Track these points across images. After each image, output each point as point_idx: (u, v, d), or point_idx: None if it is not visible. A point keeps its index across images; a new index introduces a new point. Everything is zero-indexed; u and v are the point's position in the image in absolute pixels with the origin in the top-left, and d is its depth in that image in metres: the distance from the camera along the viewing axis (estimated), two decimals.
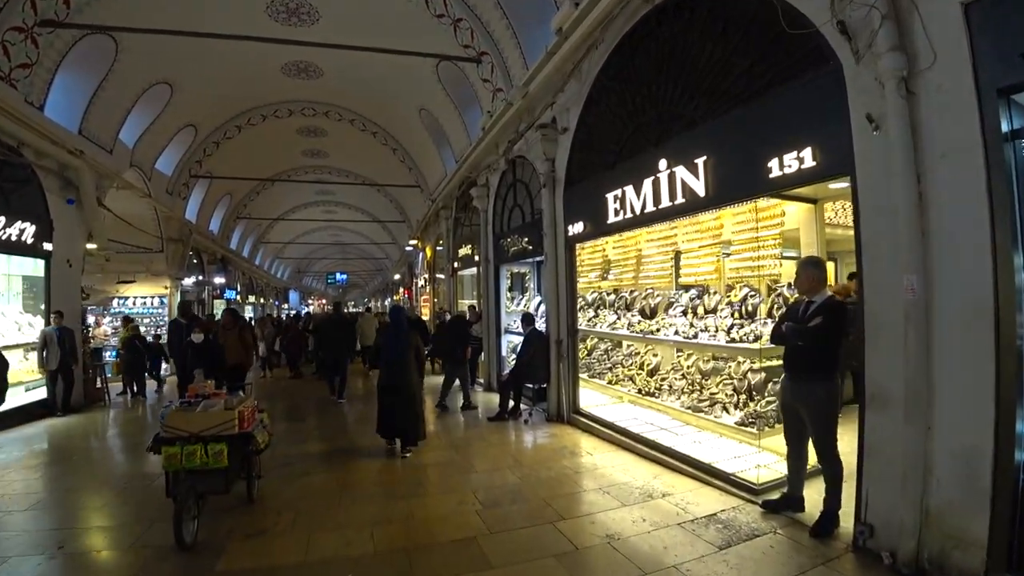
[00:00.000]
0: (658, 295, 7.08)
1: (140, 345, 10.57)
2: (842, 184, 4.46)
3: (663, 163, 5.38)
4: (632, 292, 7.49)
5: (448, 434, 7.14)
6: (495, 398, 8.87)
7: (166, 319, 14.22)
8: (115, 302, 14.03)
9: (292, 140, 17.62)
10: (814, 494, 4.16)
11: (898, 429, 3.30)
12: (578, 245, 7.47)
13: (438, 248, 16.79)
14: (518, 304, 10.71)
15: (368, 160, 18.70)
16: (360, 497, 4.70)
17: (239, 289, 22.46)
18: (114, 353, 10.97)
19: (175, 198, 14.64)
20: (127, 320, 10.88)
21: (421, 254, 20.76)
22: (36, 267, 9.25)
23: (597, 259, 8.10)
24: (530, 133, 8.27)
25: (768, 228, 5.03)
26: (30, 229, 8.57)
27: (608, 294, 8.06)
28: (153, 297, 14.26)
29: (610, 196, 6.27)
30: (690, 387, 6.11)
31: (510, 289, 10.63)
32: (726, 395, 5.52)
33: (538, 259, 9.16)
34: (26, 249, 8.56)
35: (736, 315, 5.51)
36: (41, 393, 8.85)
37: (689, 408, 5.69)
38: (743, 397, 5.41)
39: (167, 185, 14.19)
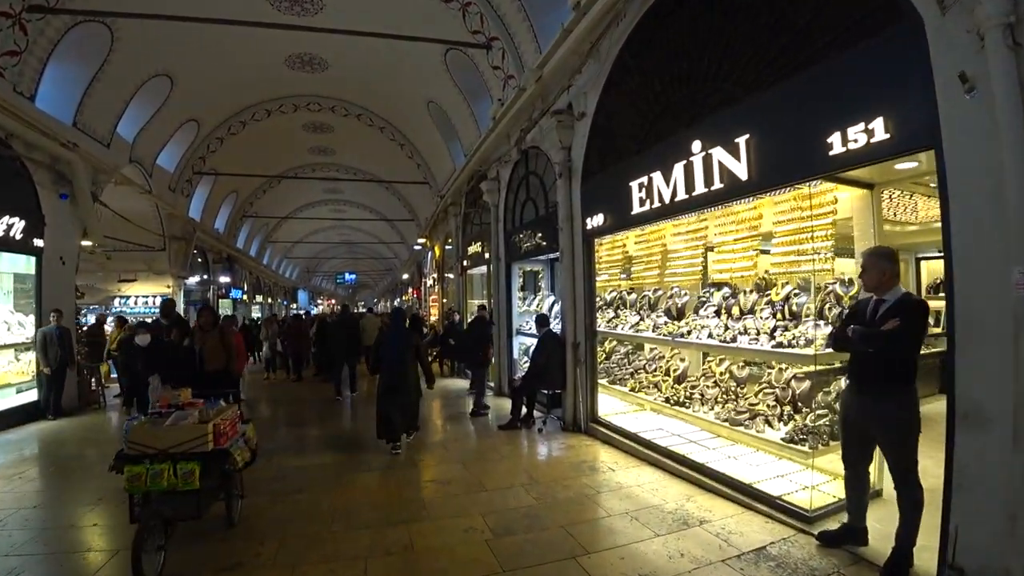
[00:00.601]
0: (685, 294, 6.47)
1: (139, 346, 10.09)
2: (910, 164, 3.86)
3: (696, 145, 4.79)
4: (656, 291, 6.90)
5: (456, 445, 6.58)
6: (506, 403, 8.33)
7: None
8: (116, 301, 13.69)
9: (298, 136, 17.23)
10: (875, 523, 3.56)
11: (1003, 456, 2.69)
12: (597, 240, 6.90)
13: (447, 247, 16.29)
14: (530, 304, 10.15)
15: (376, 157, 18.26)
16: (356, 522, 4.16)
17: (246, 288, 22.13)
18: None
19: (178, 195, 14.27)
20: (121, 320, 10.46)
21: (430, 253, 20.28)
22: (28, 264, 8.85)
23: (617, 255, 7.51)
24: (544, 120, 7.71)
25: (818, 217, 4.41)
26: (19, 224, 8.16)
27: (629, 293, 7.47)
28: (155, 296, 13.89)
29: (634, 185, 5.69)
30: (724, 396, 5.50)
31: (522, 288, 10.07)
32: (768, 406, 4.90)
33: (553, 256, 8.59)
34: (15, 245, 8.16)
35: (779, 316, 4.90)
36: (32, 395, 8.44)
37: (726, 421, 5.08)
38: (787, 408, 4.79)
39: (169, 182, 13.83)
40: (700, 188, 4.76)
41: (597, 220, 6.48)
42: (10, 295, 8.79)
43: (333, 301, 48.20)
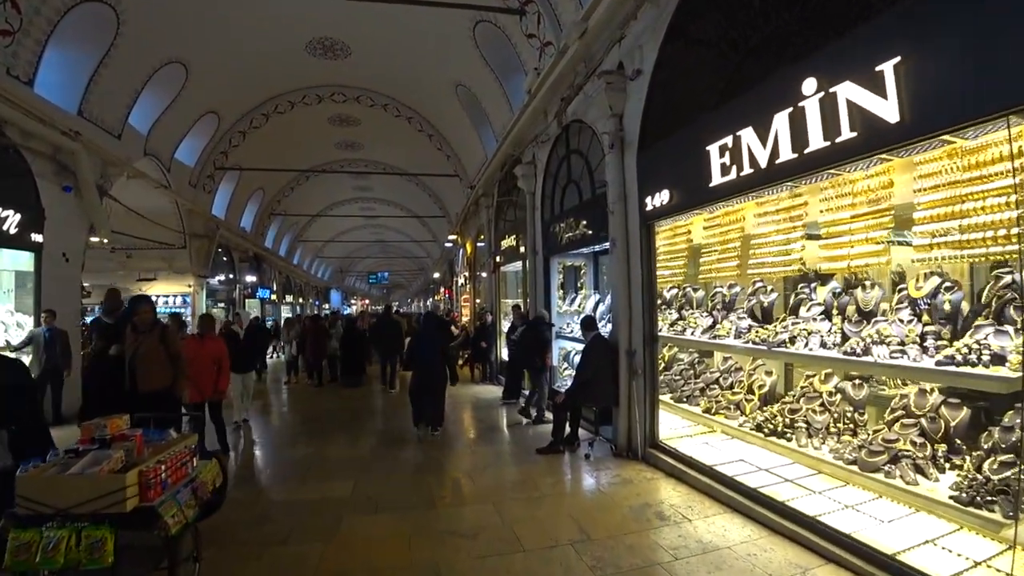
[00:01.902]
0: (771, 290, 5.14)
1: None
2: None
3: (810, 84, 3.49)
4: (731, 286, 5.58)
5: (487, 474, 5.41)
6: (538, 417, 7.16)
7: (189, 319, 13.25)
8: None
9: (324, 130, 16.50)
10: None
11: None
12: (658, 224, 5.63)
13: (479, 244, 15.23)
14: (571, 303, 8.93)
15: (404, 150, 17.39)
16: None
17: (275, 288, 21.64)
18: None
19: (199, 191, 13.67)
20: None
21: (461, 250, 19.30)
22: (30, 262, 8.20)
23: (679, 245, 6.22)
24: (590, 85, 6.51)
25: (995, 178, 3.06)
26: (14, 218, 7.48)
27: (695, 290, 6.16)
28: (176, 296, 13.33)
29: (713, 149, 4.41)
30: (838, 424, 4.16)
31: (562, 286, 8.86)
32: (912, 443, 3.54)
33: (599, 248, 7.36)
34: (9, 240, 7.47)
35: (926, 316, 3.54)
36: None
37: (852, 462, 3.74)
38: (941, 448, 3.44)
39: (190, 177, 13.22)
40: (817, 142, 3.45)
41: (659, 199, 5.21)
42: (10, 294, 8.16)
43: (367, 301, 48.02)
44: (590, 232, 6.92)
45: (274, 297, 21.27)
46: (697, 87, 4.89)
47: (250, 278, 17.30)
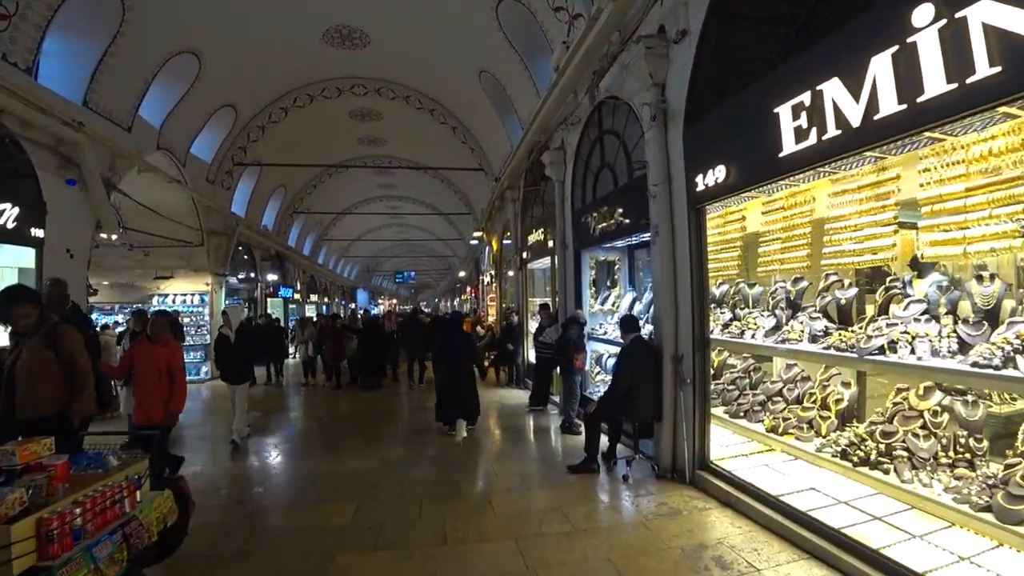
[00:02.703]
0: (849, 284, 4.26)
1: None
2: None
3: (923, 12, 2.66)
4: (797, 281, 4.71)
5: (509, 500, 4.68)
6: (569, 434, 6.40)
7: (208, 319, 12.94)
8: (155, 300, 12.93)
9: (346, 125, 16.06)
10: None
11: None
12: (710, 207, 4.81)
13: (505, 242, 14.53)
14: (604, 302, 8.13)
15: (427, 144, 16.82)
16: None
17: (298, 287, 21.36)
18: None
19: (217, 187, 13.33)
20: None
21: (487, 248, 18.65)
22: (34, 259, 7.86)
23: (731, 233, 5.39)
24: (625, 55, 5.74)
25: None
26: (12, 211, 7.09)
27: (750, 285, 5.30)
28: (193, 294, 13.02)
29: (784, 110, 3.58)
30: (946, 452, 3.28)
31: (593, 283, 8.06)
32: None
33: (636, 240, 6.56)
34: (7, 235, 7.10)
35: None
36: None
37: (985, 508, 2.87)
38: None
39: (207, 173, 12.88)
40: (936, 86, 2.61)
41: (712, 177, 4.39)
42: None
43: (395, 301, 47.91)
44: (627, 221, 6.13)
45: (298, 296, 20.98)
46: (758, 41, 4.07)
47: (271, 277, 16.97)
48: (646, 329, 5.77)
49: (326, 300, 27.21)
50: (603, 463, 5.32)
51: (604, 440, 5.43)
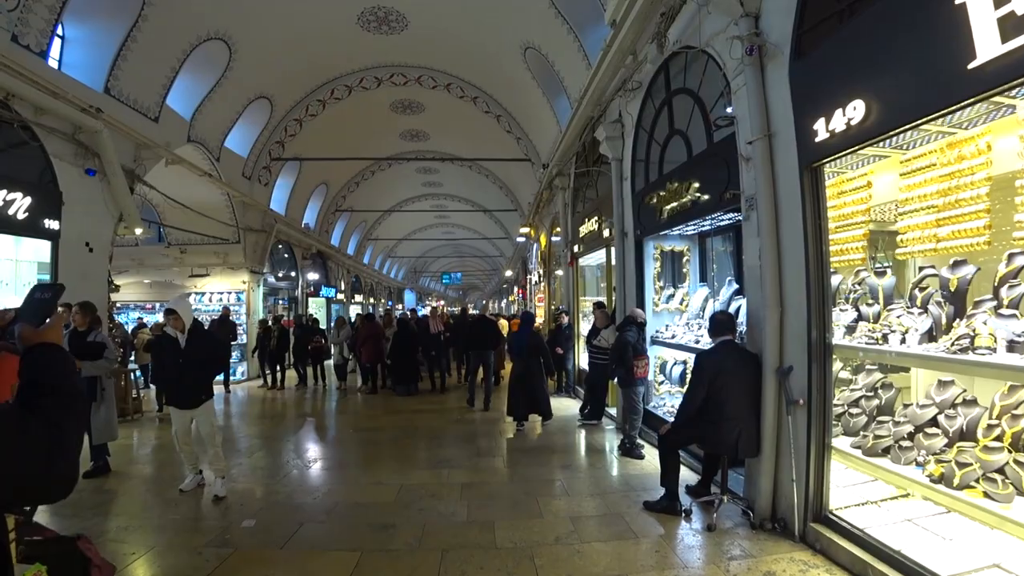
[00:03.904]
0: None
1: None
2: None
3: None
4: (958, 266, 3.35)
5: (562, 554, 3.55)
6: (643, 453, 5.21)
7: (243, 318, 12.51)
8: (192, 298, 12.63)
9: (386, 119, 15.41)
10: None
11: None
12: (829, 165, 3.55)
13: (554, 238, 13.42)
14: (670, 299, 6.88)
15: (471, 137, 15.97)
16: None
17: (342, 287, 20.96)
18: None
19: (254, 183, 12.91)
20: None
21: (535, 246, 17.60)
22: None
23: (850, 206, 4.05)
24: None
25: None
26: (23, 202, 6.64)
27: (879, 273, 3.95)
28: (230, 292, 12.63)
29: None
30: None
31: (658, 277, 6.82)
32: None
33: (713, 222, 5.30)
34: (16, 227, 6.65)
35: None
36: None
37: None
38: None
39: (243, 168, 12.46)
40: None
41: (843, 118, 3.12)
42: (29, 287, 7.38)
43: (443, 302, 47.61)
44: (705, 197, 4.89)
45: (341, 296, 20.58)
46: None
47: (312, 276, 16.54)
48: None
49: (371, 300, 26.89)
50: (693, 496, 4.18)
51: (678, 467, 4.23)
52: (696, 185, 5.00)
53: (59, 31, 7.63)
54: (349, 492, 4.70)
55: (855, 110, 3.01)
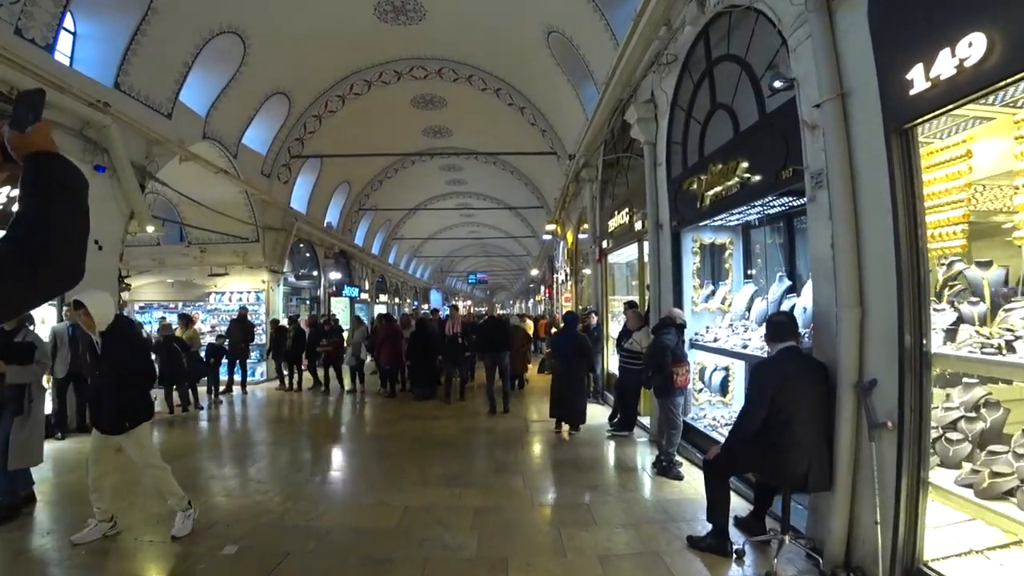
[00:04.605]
0: None
1: (179, 348, 8.22)
2: None
3: None
4: None
5: None
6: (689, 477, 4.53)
7: (262, 318, 12.25)
8: (212, 297, 12.46)
9: (408, 115, 15.01)
10: None
11: None
12: (927, 123, 2.85)
13: (581, 236, 12.76)
14: (709, 298, 6.16)
15: (495, 132, 15.42)
16: None
17: (366, 287, 20.69)
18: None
19: (273, 180, 12.65)
20: (187, 320, 8.83)
21: (561, 243, 16.96)
22: None
23: (941, 182, 3.30)
24: None
25: None
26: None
27: (983, 264, 3.19)
28: (249, 292, 12.40)
29: None
30: None
31: (697, 273, 6.11)
32: None
33: (762, 208, 4.60)
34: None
35: None
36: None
37: None
38: None
39: (262, 166, 12.21)
40: None
41: (951, 61, 2.41)
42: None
43: (469, 302, 47.30)
44: (755, 178, 4.19)
45: (365, 296, 20.30)
46: None
47: (335, 275, 16.26)
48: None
49: (397, 300, 26.64)
50: (744, 531, 3.50)
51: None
52: (745, 165, 4.30)
53: (69, 26, 7.43)
54: (347, 514, 4.17)
55: (970, 47, 2.30)
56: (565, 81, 10.95)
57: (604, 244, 9.27)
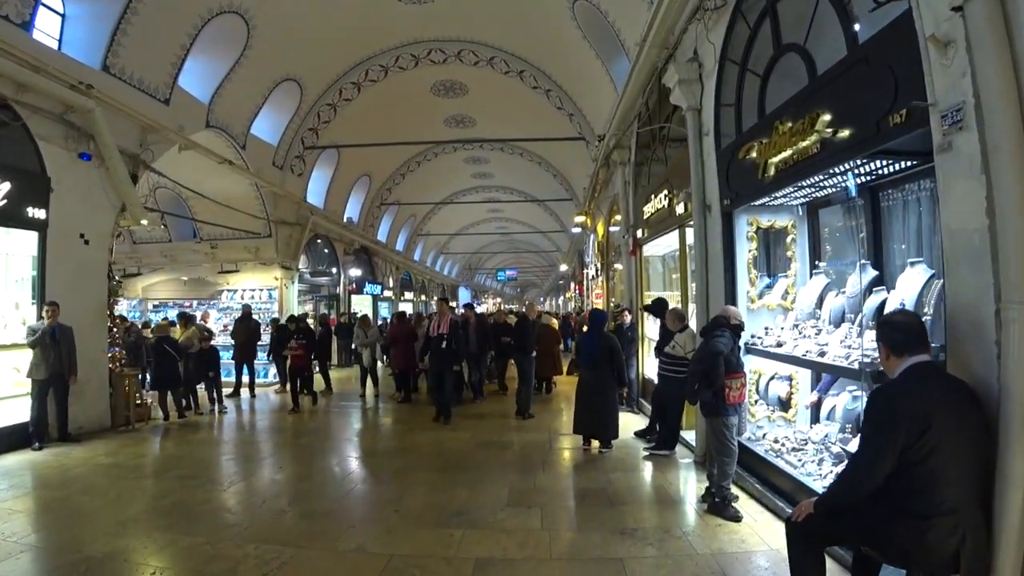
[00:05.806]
0: None
1: (171, 350, 7.65)
2: None
3: None
4: None
5: None
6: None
7: (275, 315, 11.68)
8: (224, 295, 11.98)
9: (428, 104, 14.26)
10: None
11: None
12: None
13: (612, 228, 11.74)
14: (765, 293, 5.11)
15: (520, 119, 14.53)
16: None
17: (390, 284, 20.07)
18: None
19: (286, 173, 12.09)
20: (187, 319, 8.30)
21: (591, 237, 15.95)
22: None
23: None
24: None
25: None
26: (1, 187, 5.88)
27: None
28: (261, 289, 11.87)
29: None
30: None
31: (753, 263, 5.06)
32: None
33: (853, 170, 3.54)
34: None
35: None
36: (22, 413, 6.09)
37: None
38: None
39: (273, 157, 11.65)
40: None
41: None
42: (24, 283, 6.66)
43: (499, 300, 46.57)
44: (843, 132, 3.15)
45: (389, 293, 19.68)
46: None
47: (354, 272, 15.67)
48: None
49: (423, 298, 26.04)
50: None
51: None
52: (827, 118, 3.26)
53: (56, 6, 6.92)
54: (315, 567, 3.34)
55: None
56: (594, 57, 9.95)
57: (639, 234, 8.24)
